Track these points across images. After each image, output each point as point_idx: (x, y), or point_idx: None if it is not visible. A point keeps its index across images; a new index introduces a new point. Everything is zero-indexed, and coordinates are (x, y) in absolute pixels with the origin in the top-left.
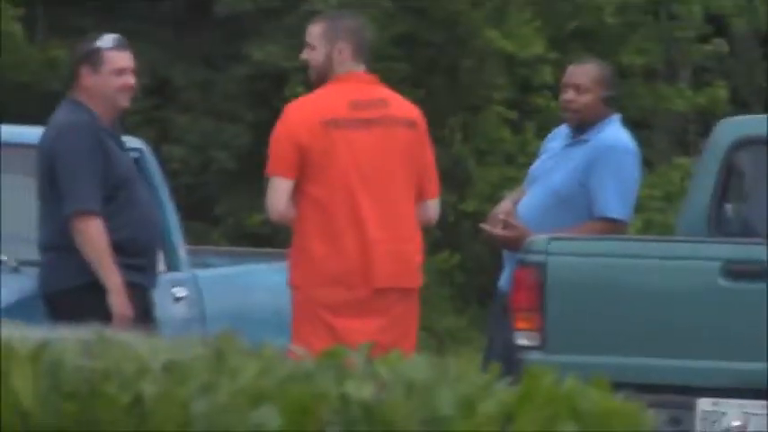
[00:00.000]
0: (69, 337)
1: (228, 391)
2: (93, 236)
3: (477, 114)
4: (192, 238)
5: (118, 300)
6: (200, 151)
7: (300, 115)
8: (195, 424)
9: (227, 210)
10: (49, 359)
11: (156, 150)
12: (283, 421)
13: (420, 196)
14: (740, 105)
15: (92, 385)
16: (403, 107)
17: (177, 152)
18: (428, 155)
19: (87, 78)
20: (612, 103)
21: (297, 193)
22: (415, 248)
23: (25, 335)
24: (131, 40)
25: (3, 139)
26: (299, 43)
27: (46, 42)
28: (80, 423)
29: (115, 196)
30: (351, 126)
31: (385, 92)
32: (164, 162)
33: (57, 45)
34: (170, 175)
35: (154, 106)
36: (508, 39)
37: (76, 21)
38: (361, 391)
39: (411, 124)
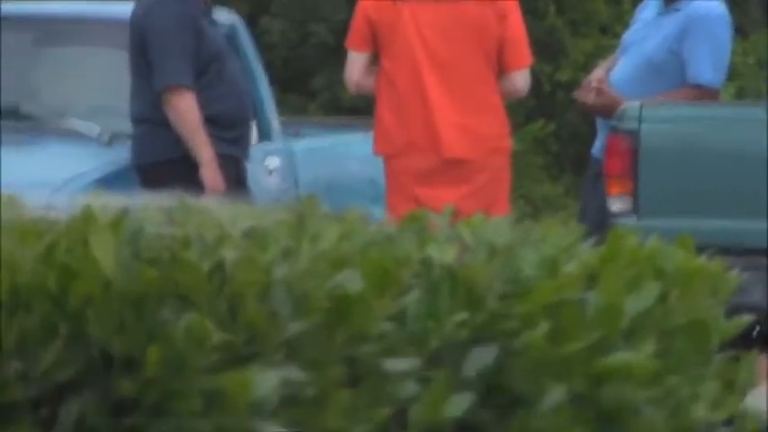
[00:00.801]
0: (151, 206)
1: (309, 255)
2: (185, 110)
3: None
4: (289, 110)
5: (210, 173)
6: (299, 24)
7: None
8: (276, 289)
9: (324, 83)
10: (130, 227)
11: (253, 23)
12: (365, 285)
13: (504, 68)
14: None
15: (172, 252)
16: None
17: (276, 25)
18: (511, 27)
19: None
20: None
21: (378, 65)
22: (488, 120)
23: (107, 203)
24: None
25: (93, 14)
26: None
27: None
28: (161, 289)
29: (207, 71)
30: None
31: None
32: (261, 35)
33: None
34: (267, 48)
35: None
36: None
37: None
38: (444, 253)
39: None
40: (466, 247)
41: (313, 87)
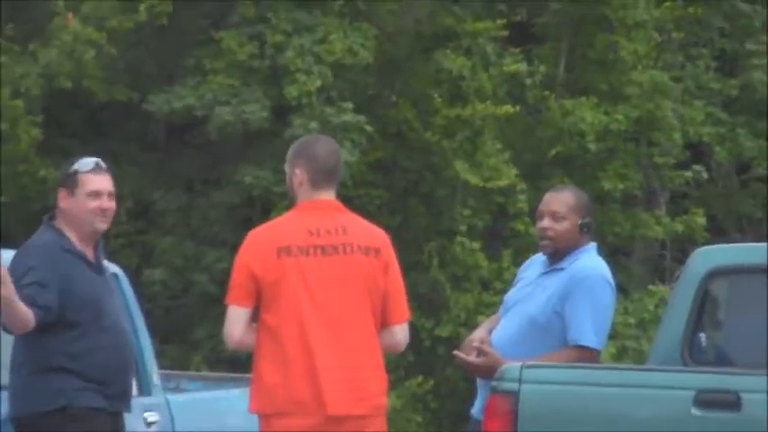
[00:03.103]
0: None
1: None
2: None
3: (452, 241)
4: (171, 362)
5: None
6: (181, 274)
7: (255, 243)
8: None
9: (206, 334)
10: None
11: (138, 273)
12: None
13: (384, 322)
14: (718, 232)
15: None
16: (364, 234)
17: (158, 275)
18: (392, 281)
19: (64, 201)
20: (588, 230)
21: (257, 321)
22: (370, 375)
23: None
24: (116, 162)
25: None
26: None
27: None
28: None
29: (82, 319)
30: (305, 253)
31: (348, 219)
32: (144, 285)
33: (44, 165)
34: (150, 298)
35: (137, 230)
36: (477, 169)
37: (62, 141)
38: None
39: (371, 251)
40: None
41: (195, 338)
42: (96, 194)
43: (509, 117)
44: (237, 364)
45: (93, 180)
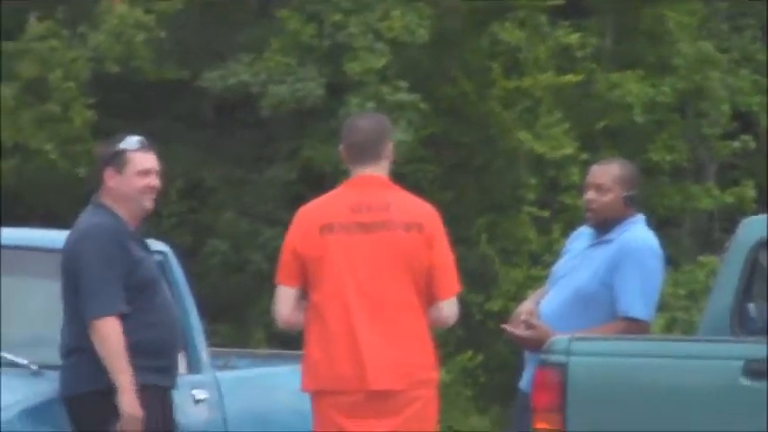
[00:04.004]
0: None
1: None
2: (107, 334)
3: (504, 215)
4: (225, 339)
5: (127, 399)
6: (236, 252)
7: (300, 221)
8: None
9: (261, 311)
10: None
11: (192, 252)
12: None
13: (431, 297)
14: (766, 203)
15: None
16: (407, 210)
17: (221, 248)
18: (438, 255)
19: (112, 180)
20: (634, 203)
21: (307, 299)
22: (414, 351)
23: None
24: (165, 142)
25: (25, 242)
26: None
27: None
28: None
29: (137, 298)
30: (347, 230)
31: (393, 195)
32: (201, 262)
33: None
34: (204, 275)
35: (189, 209)
36: (539, 140)
37: (110, 122)
38: None
39: (413, 227)
40: None
41: (250, 316)
42: (146, 173)
43: (559, 90)
44: (292, 341)
45: (142, 158)
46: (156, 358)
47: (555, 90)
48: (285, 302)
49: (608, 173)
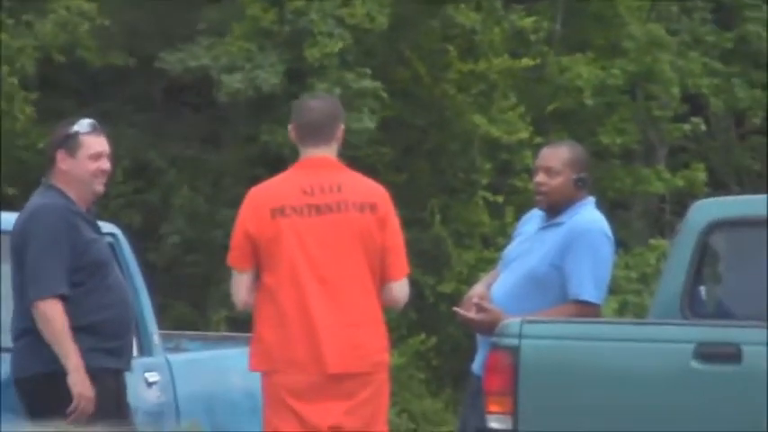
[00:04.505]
0: None
1: None
2: (50, 317)
3: (456, 198)
4: (181, 322)
5: (77, 379)
6: (193, 232)
7: (251, 204)
8: None
9: (220, 293)
10: None
11: (146, 230)
12: None
13: (383, 278)
14: (716, 186)
15: None
16: (359, 191)
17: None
18: (390, 237)
19: (64, 163)
20: (584, 185)
21: (258, 281)
22: (370, 333)
23: None
24: (113, 123)
25: None
26: None
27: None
28: None
29: (89, 279)
30: (299, 213)
31: (344, 176)
32: (157, 244)
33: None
34: (160, 257)
35: (135, 190)
36: (494, 124)
37: (59, 104)
38: None
39: (366, 208)
40: None
41: (208, 297)
42: (98, 156)
43: (514, 74)
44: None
45: (94, 141)
46: (110, 340)
47: (510, 74)
48: (241, 285)
49: (558, 156)
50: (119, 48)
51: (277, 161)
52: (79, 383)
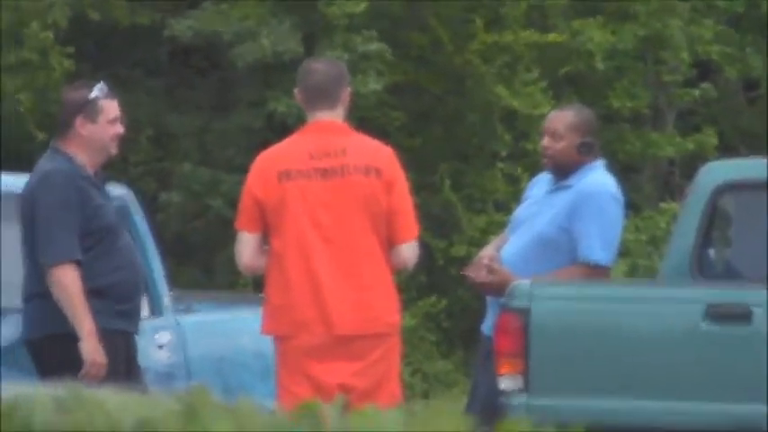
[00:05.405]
0: (42, 394)
1: None
2: (66, 283)
3: (470, 164)
4: (188, 284)
5: (89, 346)
6: (198, 199)
7: (259, 168)
8: None
9: (224, 258)
10: (21, 416)
11: (155, 198)
12: None
13: (391, 240)
14: (726, 149)
15: None
16: (364, 154)
17: (176, 199)
18: (397, 199)
19: (84, 128)
20: (589, 150)
21: (268, 245)
22: (378, 295)
23: None
24: (127, 89)
25: None
26: None
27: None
28: None
29: (98, 243)
30: (306, 177)
31: (350, 140)
32: (161, 209)
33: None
34: (164, 222)
35: (156, 157)
36: (517, 97)
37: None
38: None
39: (372, 172)
40: None
41: (212, 262)
42: (115, 120)
43: (538, 47)
44: (256, 287)
45: (112, 106)
46: (120, 302)
47: (536, 47)
48: (246, 248)
49: (562, 120)
50: (145, 6)
51: (283, 127)
52: (92, 350)
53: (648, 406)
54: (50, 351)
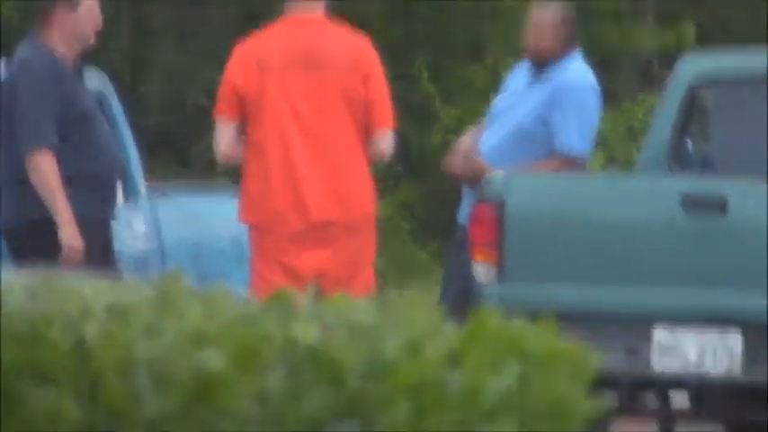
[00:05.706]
0: (14, 280)
1: (172, 333)
2: (44, 171)
3: (453, 57)
4: (165, 174)
5: (68, 232)
6: (178, 88)
7: (239, 57)
8: (138, 367)
9: (202, 147)
10: None
11: (133, 88)
12: (228, 364)
13: (368, 130)
14: (706, 42)
15: (34, 328)
16: (343, 46)
17: (153, 89)
18: (374, 90)
19: (64, 17)
20: (571, 45)
21: (246, 134)
22: (355, 184)
23: None
24: None
25: None
26: None
27: None
28: (22, 366)
29: (75, 131)
30: (285, 68)
31: (329, 31)
32: (140, 99)
33: None
34: (143, 111)
35: (133, 46)
36: None
37: None
38: (307, 333)
39: (349, 63)
40: (328, 327)
41: (190, 151)
42: (95, 9)
43: None
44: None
45: None
46: (96, 189)
47: None
48: (224, 136)
49: (548, 19)
50: None
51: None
52: (70, 236)
53: (622, 292)
54: (27, 237)
